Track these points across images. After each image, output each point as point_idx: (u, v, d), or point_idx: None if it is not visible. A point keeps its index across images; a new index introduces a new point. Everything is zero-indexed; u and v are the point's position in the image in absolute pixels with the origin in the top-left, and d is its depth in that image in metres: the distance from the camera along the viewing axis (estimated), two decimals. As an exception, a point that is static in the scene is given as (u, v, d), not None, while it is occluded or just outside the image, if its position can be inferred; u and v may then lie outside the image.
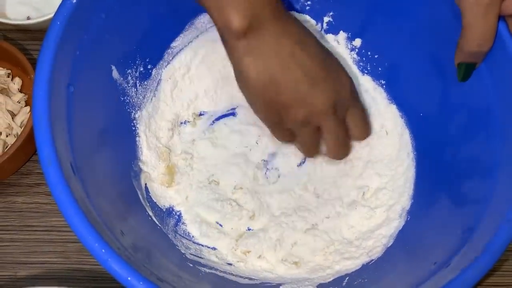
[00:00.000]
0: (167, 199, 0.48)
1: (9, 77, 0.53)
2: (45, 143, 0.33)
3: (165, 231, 0.45)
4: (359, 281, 0.42)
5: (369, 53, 0.51)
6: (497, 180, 0.38)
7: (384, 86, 0.51)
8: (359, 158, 0.50)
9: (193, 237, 0.47)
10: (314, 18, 0.51)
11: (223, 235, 0.47)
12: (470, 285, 0.33)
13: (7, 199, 0.50)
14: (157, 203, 0.47)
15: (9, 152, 0.46)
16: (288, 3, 0.50)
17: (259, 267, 0.46)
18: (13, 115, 0.50)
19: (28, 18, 0.54)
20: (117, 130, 0.45)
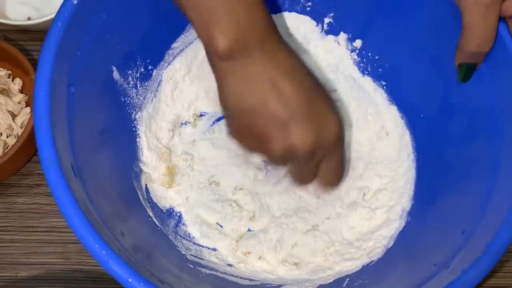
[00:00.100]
0: (168, 200, 0.48)
1: (10, 77, 0.53)
2: (45, 144, 0.33)
3: (165, 232, 0.45)
4: (359, 282, 0.42)
5: (370, 54, 0.51)
6: (498, 181, 0.38)
7: (384, 87, 0.51)
8: (360, 159, 0.50)
9: (193, 238, 0.47)
10: (314, 19, 0.51)
11: (223, 236, 0.47)
12: (470, 287, 0.33)
13: (8, 199, 0.50)
14: (158, 204, 0.47)
15: (9, 152, 0.46)
16: (288, 5, 0.50)
17: (260, 268, 0.46)
18: (14, 116, 0.50)
19: (28, 18, 0.54)
20: (117, 131, 0.45)
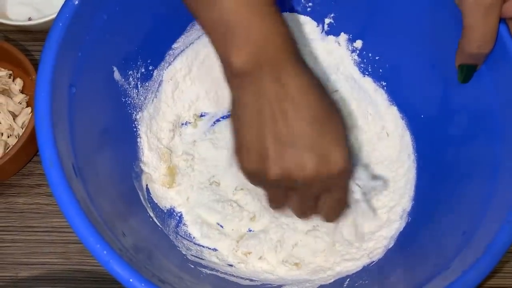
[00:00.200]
0: (168, 200, 0.48)
1: (11, 78, 0.53)
2: (47, 144, 0.33)
3: (166, 232, 0.45)
4: (359, 282, 0.42)
5: (370, 55, 0.51)
6: (498, 181, 0.38)
7: (385, 87, 0.51)
8: (360, 159, 0.50)
9: (194, 238, 0.47)
10: (315, 19, 0.51)
11: (224, 236, 0.47)
12: (471, 287, 0.33)
13: (8, 200, 0.50)
14: (158, 204, 0.47)
15: (10, 153, 0.46)
16: (289, 5, 0.50)
17: (260, 268, 0.46)
18: (15, 116, 0.50)
19: (29, 19, 0.54)
20: (118, 131, 0.45)
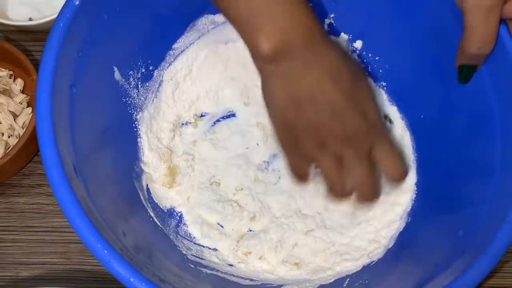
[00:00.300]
0: (169, 200, 0.48)
1: (11, 78, 0.53)
2: (48, 144, 0.34)
3: (166, 232, 0.45)
4: (359, 282, 0.42)
5: (370, 55, 0.51)
6: (498, 181, 0.38)
7: (385, 88, 0.51)
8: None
9: (194, 238, 0.47)
10: (315, 20, 0.51)
11: (224, 236, 0.47)
12: (471, 287, 0.33)
13: (9, 199, 0.50)
14: (159, 204, 0.47)
15: (11, 153, 0.46)
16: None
17: (260, 268, 0.46)
18: (15, 116, 0.51)
19: (30, 19, 0.54)
20: (119, 131, 0.45)
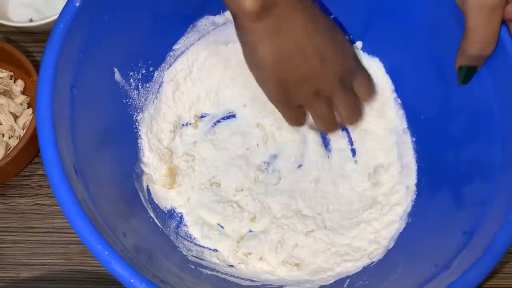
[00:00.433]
0: (169, 201, 0.48)
1: (12, 79, 0.53)
2: (48, 145, 0.34)
3: (166, 232, 0.45)
4: (360, 283, 0.42)
5: (370, 56, 0.51)
6: (498, 181, 0.38)
7: (385, 88, 0.51)
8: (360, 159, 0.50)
9: (194, 238, 0.47)
10: (315, 21, 0.51)
11: (224, 237, 0.47)
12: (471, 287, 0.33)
13: (9, 200, 0.50)
14: (159, 204, 0.47)
15: (11, 154, 0.46)
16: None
17: (260, 269, 0.46)
18: (16, 117, 0.51)
19: (30, 20, 0.54)
20: (119, 132, 0.45)
